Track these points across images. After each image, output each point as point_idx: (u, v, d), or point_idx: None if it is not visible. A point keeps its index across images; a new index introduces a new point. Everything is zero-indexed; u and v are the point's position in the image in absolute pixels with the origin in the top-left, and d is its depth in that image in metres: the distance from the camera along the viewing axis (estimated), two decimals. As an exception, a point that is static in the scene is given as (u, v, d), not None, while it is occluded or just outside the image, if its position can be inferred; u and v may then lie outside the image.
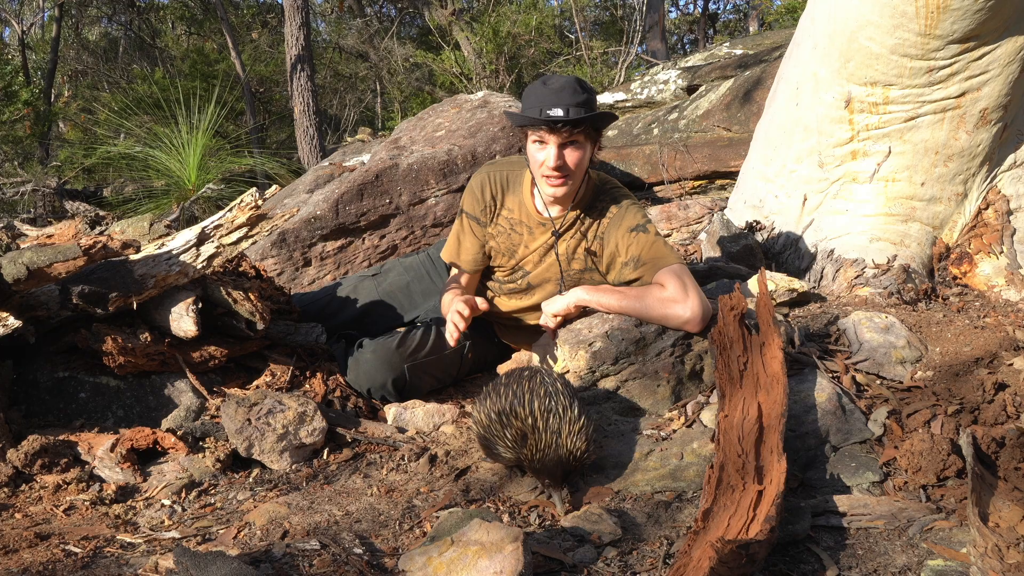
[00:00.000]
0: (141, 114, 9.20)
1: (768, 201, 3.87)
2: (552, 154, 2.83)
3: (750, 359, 2.54)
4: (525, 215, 3.09)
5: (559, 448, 2.22)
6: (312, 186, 5.42)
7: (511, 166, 3.15)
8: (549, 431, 2.23)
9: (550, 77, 2.87)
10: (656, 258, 2.90)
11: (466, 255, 3.21)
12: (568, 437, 2.22)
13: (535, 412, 2.25)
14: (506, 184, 3.12)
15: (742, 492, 2.08)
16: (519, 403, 2.28)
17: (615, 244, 2.97)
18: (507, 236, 3.13)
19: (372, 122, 13.68)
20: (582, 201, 3.03)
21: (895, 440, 2.37)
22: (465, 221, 3.18)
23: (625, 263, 2.95)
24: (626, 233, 2.95)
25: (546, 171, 2.88)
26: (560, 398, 2.27)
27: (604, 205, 3.03)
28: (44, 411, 2.84)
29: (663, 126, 6.13)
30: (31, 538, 2.16)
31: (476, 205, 3.15)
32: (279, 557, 2.03)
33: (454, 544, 1.95)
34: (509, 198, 3.11)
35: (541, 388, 2.30)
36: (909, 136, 3.42)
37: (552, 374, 2.39)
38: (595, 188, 3.05)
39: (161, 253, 2.86)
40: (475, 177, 3.17)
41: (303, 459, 2.68)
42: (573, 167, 2.87)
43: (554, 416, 2.24)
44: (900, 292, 3.30)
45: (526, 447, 2.25)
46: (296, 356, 3.17)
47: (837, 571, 1.92)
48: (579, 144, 2.86)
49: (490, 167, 3.17)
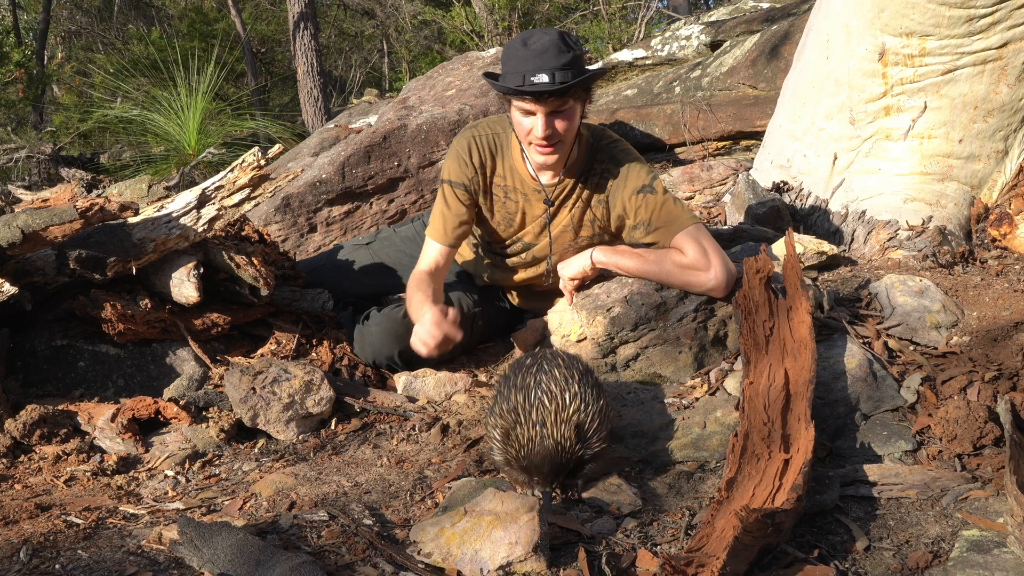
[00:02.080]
0: (138, 76, 9.20)
1: (796, 161, 3.84)
2: (540, 124, 2.72)
3: (777, 324, 2.53)
4: (519, 181, 2.99)
5: (544, 440, 2.06)
6: (317, 149, 5.41)
7: (496, 127, 2.99)
8: (531, 423, 2.07)
9: (530, 35, 2.73)
10: (669, 221, 2.85)
11: (453, 231, 3.00)
12: (554, 428, 2.06)
13: (518, 408, 2.11)
14: (495, 148, 2.98)
15: (768, 461, 2.08)
16: (507, 400, 2.15)
17: (621, 207, 2.92)
18: (503, 205, 3.03)
19: (379, 83, 13.62)
20: (576, 165, 2.93)
21: (929, 408, 2.36)
22: (448, 192, 2.98)
23: (634, 227, 2.91)
24: (632, 195, 2.88)
25: (535, 139, 2.77)
26: (552, 386, 2.12)
27: (603, 166, 2.93)
28: (42, 380, 2.87)
29: (685, 84, 6.07)
30: (31, 509, 2.18)
31: (463, 172, 2.97)
32: (286, 528, 2.05)
33: (467, 514, 1.96)
34: (500, 163, 2.99)
35: (533, 379, 2.15)
36: (946, 90, 3.37)
37: (553, 359, 2.23)
38: (589, 146, 2.95)
39: (160, 216, 2.87)
40: (458, 141, 2.99)
41: (310, 429, 2.70)
42: (563, 133, 2.77)
43: (539, 407, 2.09)
44: (935, 255, 3.27)
45: (511, 446, 2.11)
46: (302, 323, 3.18)
47: (867, 542, 1.93)
48: (569, 109, 2.74)
49: (473, 129, 3.00)
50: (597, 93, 6.69)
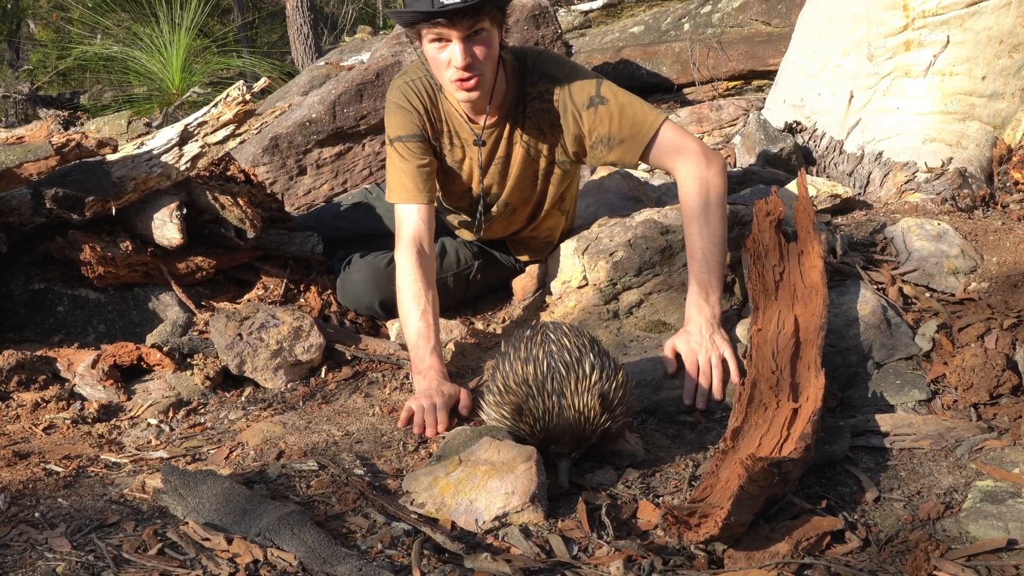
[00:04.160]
0: (118, 11, 9.08)
1: (810, 99, 3.79)
2: (458, 51, 2.51)
3: (787, 269, 2.51)
4: (458, 126, 2.82)
5: (564, 411, 1.99)
6: (307, 88, 5.35)
7: (423, 72, 2.78)
8: (547, 394, 2.00)
9: None
10: (633, 131, 2.67)
11: (425, 183, 2.74)
12: (575, 397, 1.99)
13: (529, 379, 2.03)
14: (431, 91, 2.77)
15: (775, 410, 2.08)
16: (513, 372, 2.07)
17: (575, 126, 2.73)
18: (450, 151, 2.86)
19: (372, 20, 13.44)
20: (508, 99, 2.76)
21: (945, 356, 2.35)
22: (402, 149, 2.74)
23: (593, 145, 2.74)
24: (584, 112, 2.70)
25: (454, 74, 2.57)
26: (565, 354, 2.04)
27: (538, 88, 2.74)
28: (19, 325, 2.86)
29: (695, 20, 6.00)
30: (9, 457, 2.19)
31: (410, 121, 2.75)
32: (274, 478, 2.05)
33: (462, 464, 1.96)
34: (439, 106, 2.79)
35: (540, 350, 2.07)
36: (971, 23, 3.31)
37: (557, 329, 2.14)
38: (516, 72, 2.77)
39: (141, 153, 2.83)
40: (392, 93, 2.79)
41: (299, 377, 2.69)
42: (483, 61, 2.57)
43: (554, 376, 2.01)
44: (955, 198, 3.24)
45: (523, 421, 2.03)
46: (290, 268, 3.16)
47: (877, 493, 1.93)
48: (486, 32, 2.54)
49: (403, 77, 2.80)
50: (602, 30, 6.62)
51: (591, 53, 6.02)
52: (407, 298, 2.62)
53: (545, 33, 5.08)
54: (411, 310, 2.60)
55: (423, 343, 2.54)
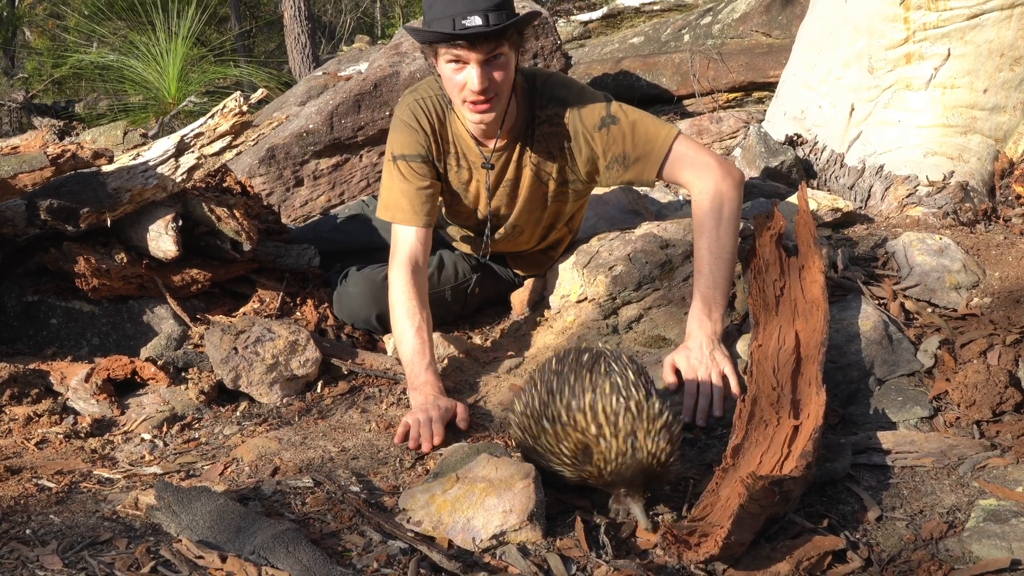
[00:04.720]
0: (115, 19, 9.11)
1: (811, 112, 3.80)
2: (475, 75, 2.49)
3: (787, 283, 2.51)
4: (466, 148, 2.80)
5: (637, 453, 1.88)
6: (304, 98, 5.35)
7: (434, 90, 2.75)
8: (622, 435, 1.88)
9: None
10: (648, 147, 2.66)
11: (423, 206, 2.71)
12: (648, 438, 1.88)
13: (600, 416, 1.90)
14: (442, 110, 2.75)
15: (776, 427, 2.07)
16: (577, 406, 1.92)
17: (588, 149, 2.73)
18: (456, 173, 2.84)
19: (371, 29, 13.49)
20: (518, 122, 2.75)
21: (947, 372, 2.35)
22: (404, 168, 2.71)
23: (608, 165, 2.73)
24: (595, 133, 2.69)
25: (469, 96, 2.55)
26: (633, 390, 1.93)
27: (549, 112, 2.72)
28: (12, 338, 2.85)
29: (695, 32, 6.02)
30: (1, 472, 2.18)
31: (416, 141, 2.72)
32: (269, 494, 2.04)
33: (459, 481, 1.96)
34: (448, 127, 2.77)
35: (606, 381, 1.94)
36: (972, 36, 3.33)
37: (617, 354, 2.05)
38: (526, 94, 2.75)
39: (136, 164, 2.83)
40: (400, 110, 2.76)
41: (295, 392, 2.69)
42: (500, 84, 2.56)
43: (626, 415, 1.89)
44: (957, 212, 3.25)
45: (591, 463, 1.91)
46: (286, 281, 3.16)
47: (879, 512, 1.92)
48: (504, 57, 2.53)
49: (414, 94, 2.77)
50: (602, 41, 6.63)
51: (590, 64, 6.04)
52: (401, 315, 2.62)
53: (544, 44, 5.09)
54: (405, 327, 2.60)
55: (418, 359, 2.55)
